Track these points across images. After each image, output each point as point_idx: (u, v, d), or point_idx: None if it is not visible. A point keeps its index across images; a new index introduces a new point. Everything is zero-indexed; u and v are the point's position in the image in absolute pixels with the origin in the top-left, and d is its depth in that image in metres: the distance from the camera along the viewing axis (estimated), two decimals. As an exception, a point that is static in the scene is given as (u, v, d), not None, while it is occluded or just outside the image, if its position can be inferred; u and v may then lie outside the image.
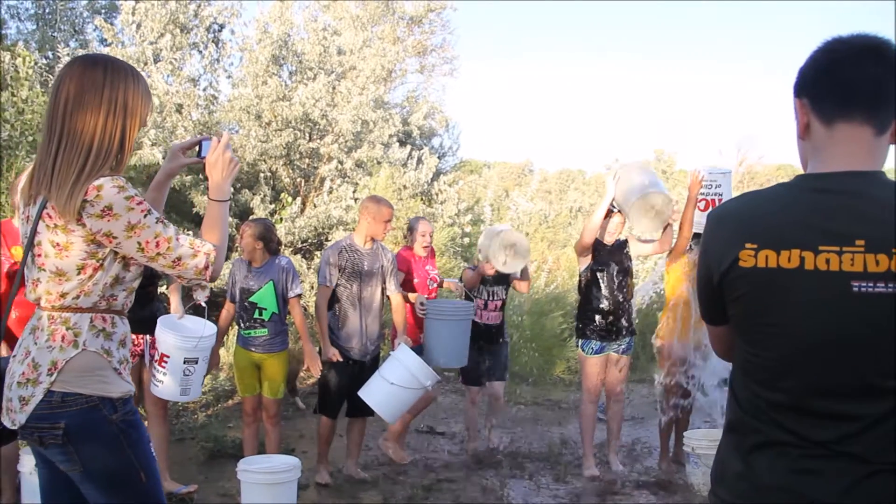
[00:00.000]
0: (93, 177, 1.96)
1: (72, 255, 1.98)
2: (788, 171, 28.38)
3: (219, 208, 2.17)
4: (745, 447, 1.51)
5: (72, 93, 1.99)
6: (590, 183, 34.45)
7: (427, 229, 5.75)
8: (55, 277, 2.01)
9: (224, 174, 2.18)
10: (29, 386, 2.00)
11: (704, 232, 1.61)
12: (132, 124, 2.05)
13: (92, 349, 2.03)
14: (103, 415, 2.02)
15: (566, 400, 8.05)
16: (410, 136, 11.07)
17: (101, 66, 2.02)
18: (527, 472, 5.55)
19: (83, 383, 2.01)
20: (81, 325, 2.03)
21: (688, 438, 4.86)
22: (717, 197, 5.41)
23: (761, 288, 1.46)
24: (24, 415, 2.00)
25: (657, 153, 30.63)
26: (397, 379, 4.78)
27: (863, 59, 1.45)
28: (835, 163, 1.46)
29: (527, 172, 37.81)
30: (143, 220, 1.98)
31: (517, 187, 24.46)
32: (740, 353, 1.57)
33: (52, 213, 1.97)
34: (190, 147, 2.35)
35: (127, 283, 2.10)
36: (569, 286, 10.68)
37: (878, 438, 1.36)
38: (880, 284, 1.34)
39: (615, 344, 5.42)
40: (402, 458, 5.51)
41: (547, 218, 14.98)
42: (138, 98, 2.06)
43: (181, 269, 2.05)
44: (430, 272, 5.76)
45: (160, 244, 2.00)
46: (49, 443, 2.01)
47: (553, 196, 25.52)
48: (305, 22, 10.38)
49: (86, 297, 2.03)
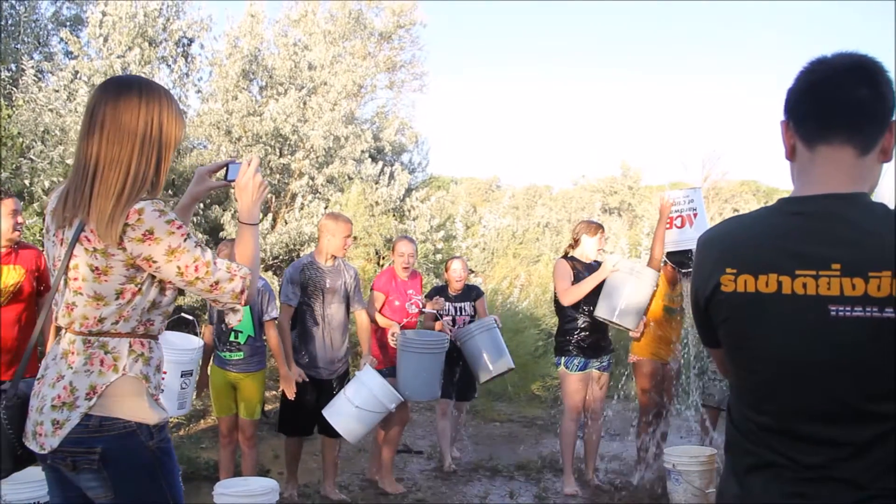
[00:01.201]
0: (133, 200, 1.93)
1: (111, 280, 1.96)
2: (752, 187, 28.89)
3: (250, 231, 2.15)
4: (740, 469, 1.51)
5: (107, 115, 1.96)
6: (556, 199, 34.75)
7: (406, 250, 5.48)
8: (93, 302, 1.97)
9: (254, 197, 2.17)
10: (64, 409, 1.96)
11: (694, 256, 1.62)
12: (168, 146, 2.03)
13: (132, 374, 2.01)
14: (140, 441, 1.99)
15: (542, 417, 8.03)
16: (382, 152, 11.03)
17: (135, 89, 2.00)
18: (507, 490, 5.50)
19: (122, 408, 1.98)
20: (121, 349, 2.00)
21: (668, 455, 4.86)
22: (692, 212, 5.44)
23: (742, 312, 1.47)
24: (56, 439, 1.95)
25: (623, 168, 31.04)
26: (361, 402, 4.76)
27: (843, 79, 1.44)
28: (815, 186, 1.45)
29: (494, 188, 38.03)
30: (182, 244, 1.96)
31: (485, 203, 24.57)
32: (731, 375, 1.58)
33: (91, 237, 1.94)
34: (216, 170, 2.35)
35: (163, 308, 2.08)
36: (541, 301, 10.70)
37: (871, 464, 1.34)
38: (857, 308, 1.33)
39: (597, 361, 5.42)
40: (397, 489, 5.38)
41: (516, 234, 15.04)
42: (172, 120, 2.03)
43: (218, 294, 2.03)
44: (413, 296, 5.56)
45: (199, 268, 1.99)
46: (83, 468, 1.96)
47: (520, 212, 25.67)
48: (276, 37, 10.30)
49: (125, 322, 2.00)
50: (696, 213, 5.44)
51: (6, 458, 2.06)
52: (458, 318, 5.96)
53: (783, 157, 1.57)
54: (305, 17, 10.81)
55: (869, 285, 1.33)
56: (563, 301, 5.39)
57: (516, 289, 10.73)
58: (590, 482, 5.58)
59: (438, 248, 10.66)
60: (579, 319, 5.32)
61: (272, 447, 6.31)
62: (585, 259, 5.43)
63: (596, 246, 5.44)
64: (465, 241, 11.56)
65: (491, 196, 33.68)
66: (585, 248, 5.43)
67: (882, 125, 1.44)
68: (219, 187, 2.36)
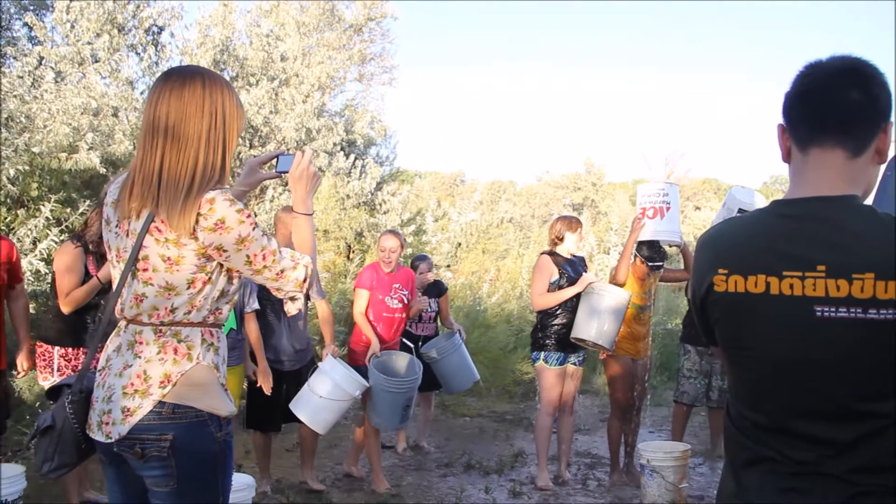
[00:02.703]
0: (203, 190, 1.94)
1: (182, 270, 1.96)
2: (713, 185, 29.40)
3: (307, 221, 2.18)
4: (737, 464, 1.55)
5: (172, 107, 1.97)
6: (520, 194, 34.88)
7: (388, 244, 5.37)
8: (164, 292, 1.98)
9: (308, 188, 2.19)
10: (136, 397, 1.96)
11: (693, 256, 1.65)
12: (231, 137, 2.04)
13: (205, 363, 2.02)
14: (210, 431, 2.00)
15: (511, 412, 8.09)
16: (354, 145, 10.97)
17: (199, 79, 2.00)
18: (483, 485, 5.53)
19: (196, 397, 1.99)
20: (194, 338, 2.01)
21: (643, 450, 4.93)
22: (665, 205, 5.53)
23: (733, 312, 1.51)
24: (126, 426, 1.95)
25: (587, 165, 31.27)
26: (325, 392, 4.75)
27: (835, 82, 1.47)
28: (807, 188, 1.49)
29: (458, 183, 38.03)
30: (251, 232, 1.97)
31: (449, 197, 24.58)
32: (728, 373, 1.62)
33: (162, 228, 1.94)
34: (266, 161, 2.36)
35: (230, 297, 2.09)
36: (511, 297, 10.76)
37: (860, 461, 1.38)
38: (842, 309, 1.37)
39: (573, 356, 5.48)
40: (387, 486, 5.36)
41: (482, 229, 15.09)
42: (234, 110, 2.04)
43: (283, 282, 2.05)
44: (398, 290, 5.45)
45: (266, 257, 2.00)
46: (152, 455, 1.95)
47: (485, 207, 25.75)
48: (248, 27, 10.17)
49: (197, 312, 2.01)
50: (669, 206, 5.53)
51: (72, 451, 2.06)
52: (425, 314, 6.23)
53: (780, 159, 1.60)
54: (278, 7, 10.69)
55: (853, 287, 1.36)
56: (533, 304, 5.49)
57: (486, 283, 10.77)
58: (563, 477, 5.64)
59: (408, 242, 10.66)
60: (559, 315, 5.38)
61: (243, 442, 6.27)
62: (567, 254, 5.50)
63: (576, 240, 5.52)
64: (434, 236, 11.57)
65: (455, 191, 33.70)
66: (566, 243, 5.49)
67: (875, 127, 1.47)
68: (270, 178, 2.38)
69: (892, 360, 1.37)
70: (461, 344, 6.06)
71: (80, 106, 7.54)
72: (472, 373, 6.15)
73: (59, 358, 4.30)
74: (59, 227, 6.90)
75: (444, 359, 5.96)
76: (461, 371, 6.05)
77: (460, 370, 6.04)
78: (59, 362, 4.29)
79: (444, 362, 5.97)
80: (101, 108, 8.22)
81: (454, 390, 6.41)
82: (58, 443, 2.04)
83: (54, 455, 2.04)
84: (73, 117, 7.37)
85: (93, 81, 8.12)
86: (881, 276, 1.34)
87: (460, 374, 6.05)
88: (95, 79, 8.20)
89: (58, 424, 2.04)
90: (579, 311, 5.29)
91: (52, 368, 4.29)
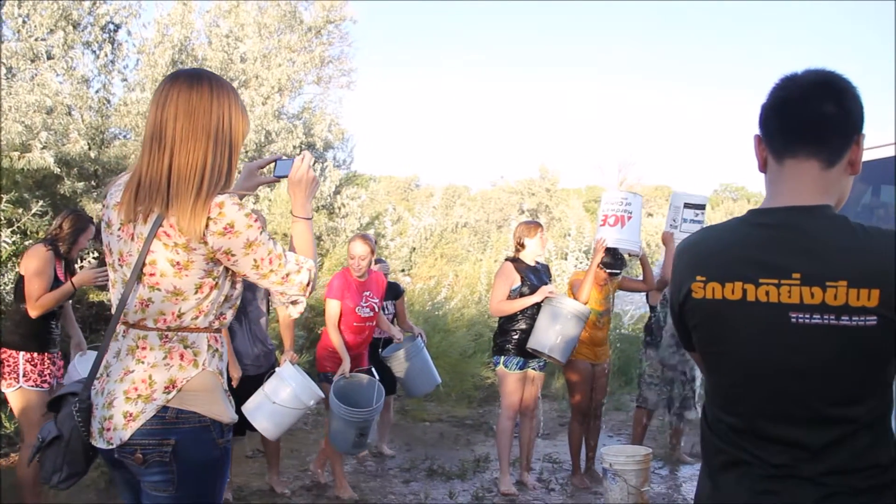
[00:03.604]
0: (212, 193, 1.94)
1: (191, 274, 1.96)
2: (665, 192, 29.98)
3: (307, 225, 2.18)
4: (713, 467, 1.60)
5: (180, 110, 1.96)
6: (475, 199, 35.05)
7: (357, 251, 5.23)
8: (172, 297, 1.96)
9: (307, 193, 2.18)
10: (139, 402, 1.94)
11: (672, 264, 1.70)
12: (237, 141, 2.04)
13: (210, 369, 2.02)
14: (212, 437, 1.99)
15: (471, 417, 8.12)
16: (313, 148, 10.88)
17: (206, 83, 2.00)
18: (446, 490, 5.55)
19: (199, 403, 1.98)
20: (200, 344, 2.01)
21: (605, 455, 4.99)
22: (627, 214, 5.62)
23: (710, 318, 1.55)
24: (128, 431, 1.93)
25: (542, 171, 31.61)
26: (281, 399, 4.71)
27: (810, 95, 1.52)
28: (782, 198, 1.54)
29: (413, 187, 38.02)
30: (259, 236, 1.97)
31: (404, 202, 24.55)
32: (705, 377, 1.67)
33: (171, 232, 1.93)
34: (265, 165, 2.36)
35: (233, 301, 2.09)
36: (469, 302, 10.80)
37: (832, 464, 1.43)
38: (816, 316, 1.42)
39: (534, 361, 5.53)
40: (350, 493, 5.31)
41: (437, 234, 15.10)
42: (240, 114, 2.05)
43: (287, 286, 2.05)
44: (369, 298, 5.37)
45: (272, 261, 2.01)
46: (153, 460, 1.94)
47: (440, 211, 25.80)
48: (207, 27, 10.01)
49: (203, 317, 2.00)
50: (631, 216, 5.62)
51: (80, 460, 2.04)
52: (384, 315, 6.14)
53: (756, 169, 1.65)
54: (238, 7, 10.55)
55: (826, 294, 1.40)
56: (491, 310, 5.53)
57: (444, 288, 10.78)
58: (526, 481, 5.69)
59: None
60: (520, 320, 5.42)
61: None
62: (531, 262, 5.54)
63: (538, 245, 5.54)
64: (393, 241, 11.54)
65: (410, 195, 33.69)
66: (529, 248, 5.53)
67: (847, 139, 1.51)
68: (268, 182, 2.37)
69: (863, 366, 1.42)
70: (423, 347, 6.06)
71: (34, 104, 7.34)
72: (434, 376, 6.14)
73: (25, 363, 4.20)
74: (10, 227, 6.71)
75: (405, 362, 5.96)
76: (423, 375, 6.05)
77: (422, 374, 6.03)
78: (25, 367, 4.19)
79: (405, 366, 5.97)
80: (56, 106, 8.01)
81: (415, 394, 6.40)
82: (65, 452, 2.01)
83: (63, 465, 2.02)
84: (25, 115, 7.17)
85: (47, 79, 7.91)
86: (854, 283, 1.39)
87: (422, 377, 6.05)
88: (50, 76, 8.00)
89: (65, 434, 2.01)
90: (538, 322, 5.34)
91: (18, 374, 4.18)
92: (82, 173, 7.81)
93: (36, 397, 4.18)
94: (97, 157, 8.09)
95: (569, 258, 12.47)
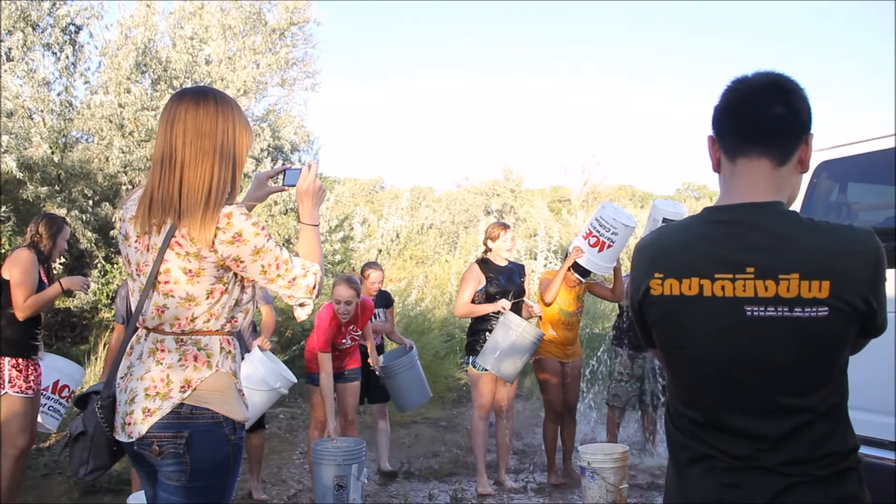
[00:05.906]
0: (220, 204, 2.06)
1: (202, 281, 2.08)
2: (628, 192, 30.31)
3: (313, 232, 2.29)
4: (679, 462, 1.63)
5: (189, 125, 2.09)
6: (440, 200, 35.03)
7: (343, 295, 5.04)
8: (185, 303, 2.09)
9: (314, 201, 2.30)
10: (157, 399, 2.07)
11: (631, 262, 1.74)
12: (241, 153, 2.16)
13: (224, 370, 2.13)
14: (224, 433, 2.11)
15: (445, 418, 8.12)
16: (280, 151, 10.78)
17: (212, 100, 2.13)
18: (426, 492, 5.54)
19: (213, 401, 2.10)
20: (213, 347, 2.12)
21: (583, 452, 5.03)
22: (609, 242, 5.64)
23: (669, 314, 1.59)
24: (145, 425, 2.06)
25: (506, 172, 31.69)
26: (248, 381, 4.60)
27: (761, 97, 1.58)
28: (736, 195, 1.59)
29: (378, 189, 37.88)
30: (266, 244, 2.09)
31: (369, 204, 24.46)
32: (666, 373, 1.71)
33: (183, 242, 2.05)
34: (274, 175, 2.51)
35: (244, 305, 2.20)
36: (440, 303, 10.80)
37: (791, 454, 1.47)
38: (770, 308, 1.46)
39: (506, 361, 5.53)
40: None
41: (409, 235, 15.10)
42: (243, 129, 2.17)
43: (294, 289, 2.16)
44: (352, 332, 5.28)
45: (279, 266, 2.12)
46: (169, 452, 2.06)
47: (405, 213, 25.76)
48: (171, 28, 9.85)
49: (215, 321, 2.12)
50: (611, 245, 5.64)
51: (105, 454, 2.18)
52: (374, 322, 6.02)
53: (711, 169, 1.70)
54: (202, 9, 10.40)
55: (779, 287, 1.45)
56: (455, 311, 5.55)
57: (414, 290, 10.78)
58: (503, 481, 5.70)
59: (335, 250, 10.56)
60: (491, 320, 5.43)
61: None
62: (501, 262, 5.55)
63: (505, 245, 5.57)
64: (362, 243, 11.50)
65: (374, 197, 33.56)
66: (496, 249, 5.56)
67: (797, 139, 1.57)
68: (277, 192, 2.54)
69: (816, 357, 1.47)
70: (417, 360, 6.03)
71: (-7, 107, 7.17)
72: (426, 390, 6.13)
73: (11, 369, 4.18)
74: (-29, 233, 6.55)
75: (400, 375, 5.90)
76: (416, 388, 6.02)
77: (416, 387, 6.01)
78: (10, 373, 4.17)
79: (399, 379, 5.91)
80: (16, 109, 7.84)
81: (407, 408, 6.30)
82: (91, 447, 2.16)
83: (89, 459, 2.17)
84: (-15, 119, 7.00)
85: (6, 81, 7.74)
86: (805, 276, 1.44)
87: (415, 391, 6.01)
88: (9, 79, 7.82)
89: (89, 430, 2.16)
90: (490, 337, 5.34)
91: (3, 380, 4.15)
92: (45, 178, 7.65)
93: (21, 404, 4.18)
94: (60, 161, 7.93)
95: (538, 258, 12.55)
